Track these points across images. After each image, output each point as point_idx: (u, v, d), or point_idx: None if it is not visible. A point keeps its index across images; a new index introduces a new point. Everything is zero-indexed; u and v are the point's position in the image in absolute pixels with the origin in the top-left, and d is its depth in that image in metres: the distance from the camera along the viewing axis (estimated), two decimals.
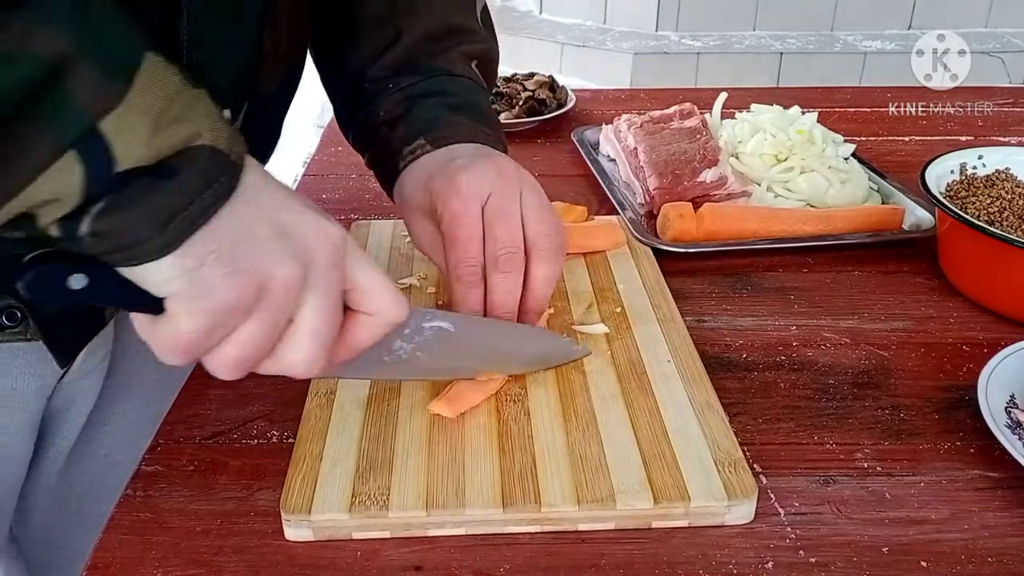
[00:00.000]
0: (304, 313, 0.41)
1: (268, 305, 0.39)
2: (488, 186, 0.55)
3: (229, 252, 0.38)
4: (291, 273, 0.39)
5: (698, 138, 0.96)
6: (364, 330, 0.45)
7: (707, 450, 0.53)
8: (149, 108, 0.34)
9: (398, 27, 0.64)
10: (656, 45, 3.22)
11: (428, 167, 0.59)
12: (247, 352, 0.40)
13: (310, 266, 0.40)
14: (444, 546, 0.49)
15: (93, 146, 0.33)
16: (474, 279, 0.56)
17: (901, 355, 0.67)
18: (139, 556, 0.48)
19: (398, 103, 0.63)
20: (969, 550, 0.49)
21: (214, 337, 0.39)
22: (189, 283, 0.37)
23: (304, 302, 0.41)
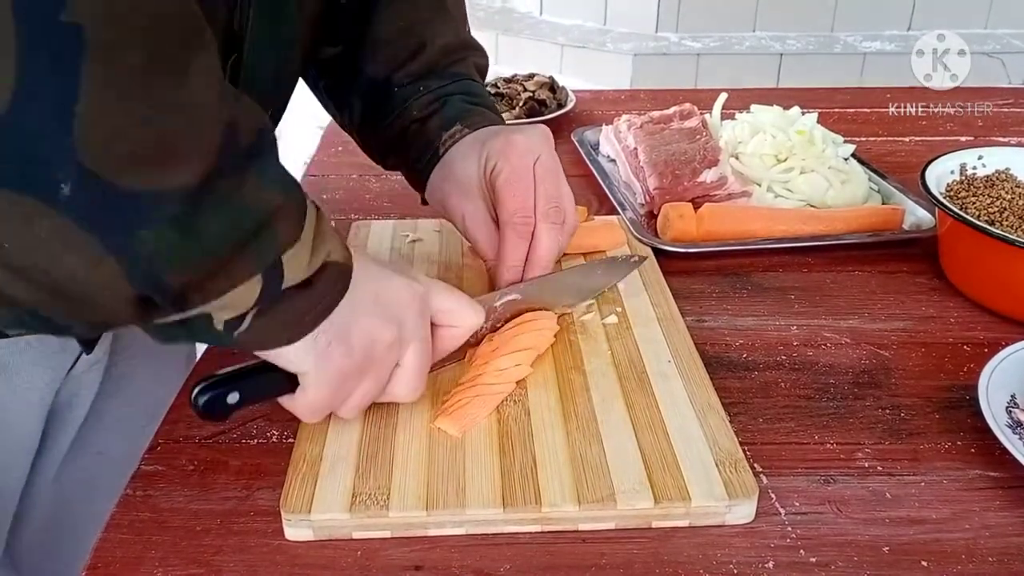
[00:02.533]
0: (407, 358, 0.51)
1: (377, 364, 0.50)
2: (539, 147, 0.63)
3: (343, 331, 0.47)
4: (391, 335, 0.50)
5: (698, 138, 0.96)
6: (450, 340, 0.56)
7: (708, 450, 0.53)
8: (308, 241, 0.43)
9: (422, 38, 0.71)
10: (656, 46, 3.21)
11: (476, 140, 0.66)
12: (365, 400, 0.52)
13: (403, 323, 0.50)
14: (444, 546, 0.49)
15: (273, 272, 0.42)
16: (527, 229, 0.63)
17: (901, 355, 0.67)
18: (139, 556, 0.48)
19: (430, 103, 0.69)
20: (970, 550, 0.49)
21: (341, 396, 0.50)
22: (315, 360, 0.47)
23: (405, 350, 0.51)
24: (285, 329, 0.45)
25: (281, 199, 0.41)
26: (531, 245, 0.63)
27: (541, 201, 0.63)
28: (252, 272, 0.41)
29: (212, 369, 0.64)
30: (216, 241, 0.39)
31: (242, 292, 0.41)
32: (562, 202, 0.64)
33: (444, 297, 0.54)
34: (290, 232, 0.42)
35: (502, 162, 0.62)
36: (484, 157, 0.64)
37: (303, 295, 0.44)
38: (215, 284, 0.40)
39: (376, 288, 0.49)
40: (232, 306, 0.42)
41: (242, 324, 0.43)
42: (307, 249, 0.43)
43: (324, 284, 0.45)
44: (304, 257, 0.43)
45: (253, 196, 0.40)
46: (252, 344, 0.45)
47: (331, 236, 0.46)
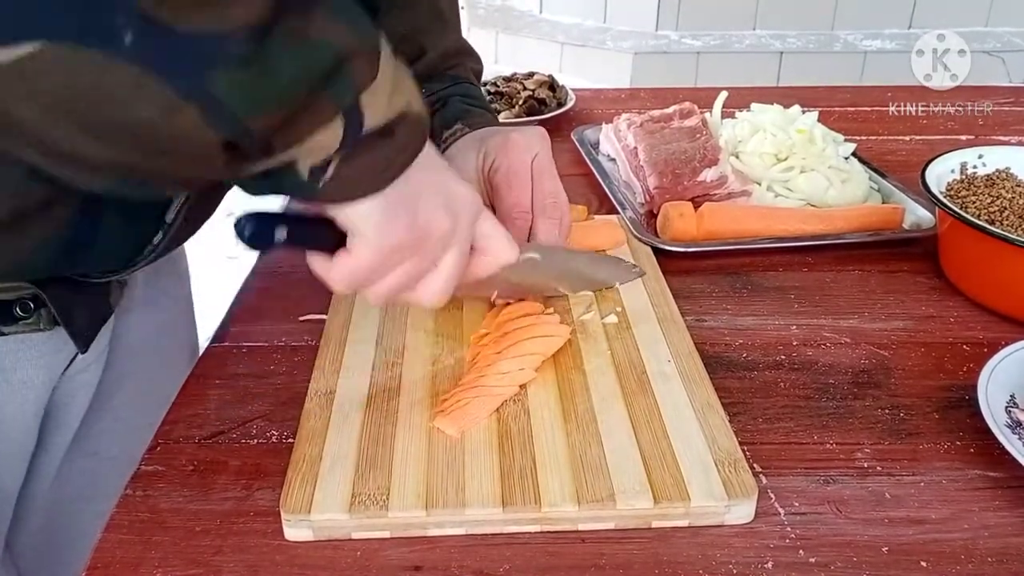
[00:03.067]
0: (446, 259, 0.51)
1: (425, 250, 0.50)
2: (536, 145, 0.66)
3: (411, 203, 0.47)
4: (448, 226, 0.50)
5: (698, 137, 0.95)
6: (481, 267, 0.56)
7: (707, 450, 0.53)
8: (386, 85, 0.43)
9: (422, 44, 0.74)
10: (656, 44, 3.21)
11: (475, 138, 0.69)
12: (398, 286, 0.50)
13: (458, 221, 0.50)
14: (444, 546, 0.49)
15: (353, 113, 0.41)
16: (525, 224, 0.65)
17: (901, 355, 0.67)
18: (139, 556, 0.48)
19: (431, 104, 0.71)
20: (969, 550, 0.49)
21: (379, 272, 0.49)
22: (380, 221, 0.46)
23: (448, 250, 0.51)
24: (369, 178, 0.45)
25: (352, 37, 0.40)
26: (530, 239, 0.65)
27: (539, 196, 0.65)
28: (333, 112, 0.40)
29: (210, 369, 0.64)
30: (291, 79, 0.38)
31: (325, 135, 0.41)
32: (559, 196, 0.66)
33: (489, 223, 0.55)
34: (366, 71, 0.41)
35: (500, 158, 0.65)
36: (482, 153, 0.66)
37: (385, 143, 0.44)
38: (297, 126, 0.40)
39: (444, 179, 0.50)
40: (316, 151, 0.41)
41: (327, 171, 0.42)
42: (385, 92, 0.43)
43: (403, 134, 0.45)
44: (383, 99, 0.43)
45: (323, 33, 0.39)
46: (335, 194, 0.45)
47: (409, 87, 0.45)
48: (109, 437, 0.74)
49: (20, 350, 0.60)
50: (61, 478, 0.72)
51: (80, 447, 0.72)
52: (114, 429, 0.74)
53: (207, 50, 0.35)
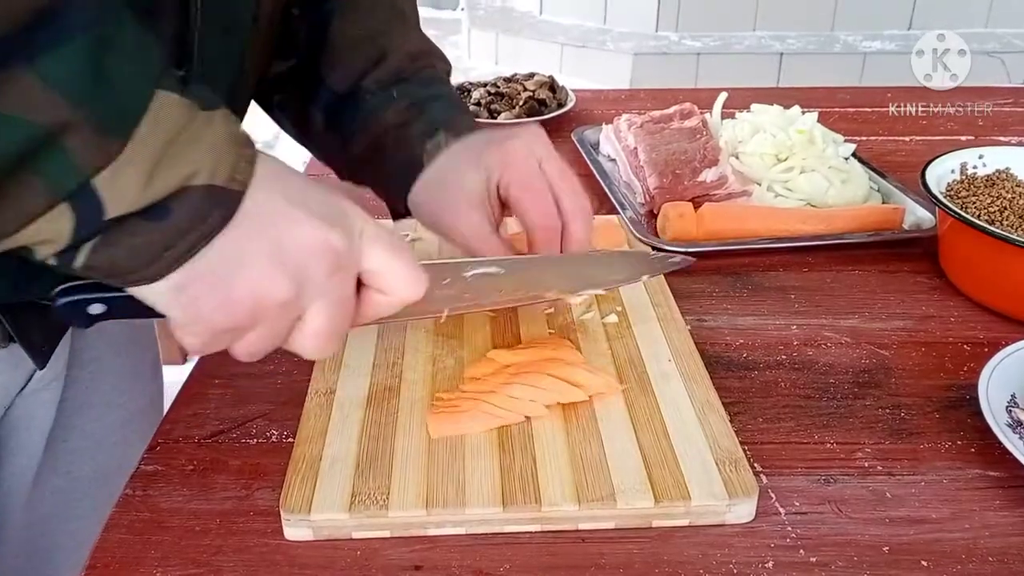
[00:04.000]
0: (310, 315, 0.42)
1: (266, 320, 0.41)
2: (538, 149, 0.59)
3: (220, 280, 0.39)
4: (283, 293, 0.40)
5: (698, 138, 0.96)
6: (378, 307, 0.46)
7: (708, 449, 0.53)
8: (144, 159, 0.34)
9: (383, 47, 0.67)
10: (656, 45, 3.21)
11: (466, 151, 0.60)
12: (258, 351, 0.43)
13: (307, 281, 0.41)
14: (444, 545, 0.49)
15: (85, 199, 0.34)
16: (556, 236, 0.58)
17: (902, 354, 0.67)
18: (138, 556, 0.48)
19: (407, 108, 0.65)
20: (970, 549, 0.49)
21: (220, 345, 0.42)
22: (182, 312, 0.39)
23: (308, 306, 0.42)
24: (141, 264, 0.37)
25: (68, 111, 0.32)
26: (564, 243, 0.59)
27: (566, 201, 0.59)
28: (47, 200, 0.33)
29: (210, 369, 0.64)
30: None
31: (48, 225, 0.34)
32: (582, 195, 0.60)
33: (377, 255, 0.44)
34: (93, 151, 0.33)
35: (506, 174, 0.58)
36: (484, 171, 0.59)
37: (153, 226, 0.36)
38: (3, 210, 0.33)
39: (279, 232, 0.40)
40: (46, 242, 0.35)
41: (76, 259, 0.36)
42: (141, 170, 0.34)
43: (184, 214, 0.36)
44: (134, 180, 0.34)
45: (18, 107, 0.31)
46: (108, 277, 0.38)
47: (209, 146, 0.37)
48: (79, 456, 0.70)
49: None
50: (35, 499, 0.69)
51: (51, 467, 0.69)
52: (84, 447, 0.71)
53: None
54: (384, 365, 0.62)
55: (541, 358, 0.60)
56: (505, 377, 0.58)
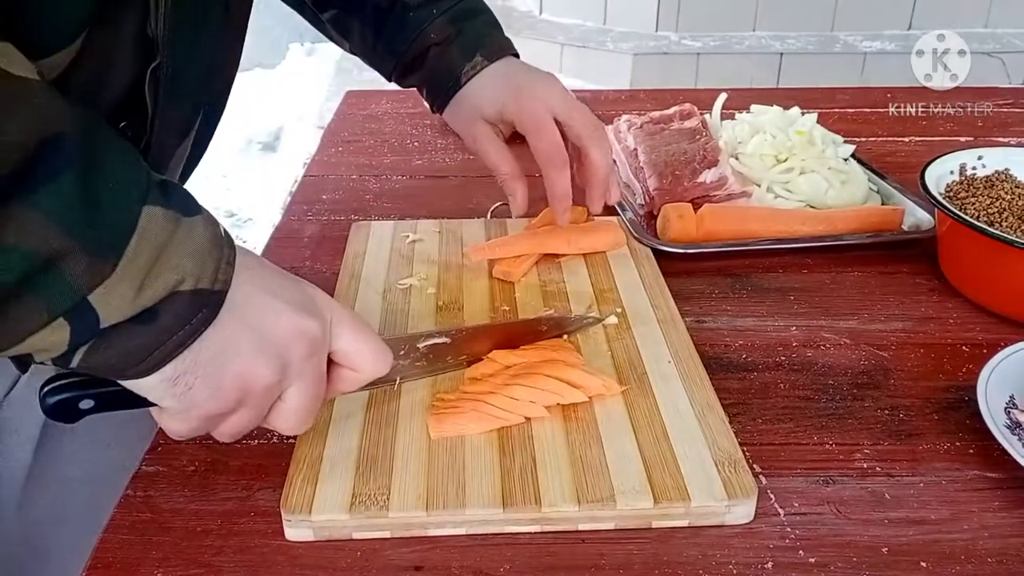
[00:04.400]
0: (289, 395, 0.46)
1: (251, 403, 0.45)
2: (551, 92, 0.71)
3: (211, 371, 0.42)
4: (268, 378, 0.44)
5: (698, 139, 0.96)
6: (348, 383, 0.50)
7: (707, 450, 0.53)
8: (135, 274, 0.37)
9: None
10: (656, 45, 3.21)
11: (491, 82, 0.72)
12: (240, 431, 0.46)
13: (287, 365, 0.45)
14: (444, 546, 0.49)
15: (81, 313, 0.36)
16: (564, 160, 0.70)
17: (901, 355, 0.67)
18: (139, 556, 0.48)
19: (446, 25, 0.73)
20: (969, 550, 0.49)
21: (206, 430, 0.46)
22: (176, 400, 0.42)
23: (287, 387, 0.46)
24: (132, 362, 0.39)
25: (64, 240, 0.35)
26: (586, 167, 0.72)
27: (579, 127, 0.70)
28: (45, 318, 0.36)
29: None
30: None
31: (47, 336, 0.36)
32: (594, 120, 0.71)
33: (348, 338, 0.48)
34: (90, 270, 0.36)
35: (516, 109, 0.69)
36: (500, 106, 0.70)
37: (144, 329, 0.39)
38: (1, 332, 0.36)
39: (261, 324, 0.43)
40: (45, 349, 0.37)
41: (72, 361, 0.38)
42: (131, 283, 0.37)
43: (172, 316, 0.39)
44: (126, 293, 0.37)
45: (16, 239, 0.34)
46: (103, 374, 0.41)
47: (192, 253, 0.39)
48: (71, 459, 0.70)
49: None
50: (28, 504, 0.69)
51: (44, 474, 0.69)
52: (77, 451, 0.70)
53: None
54: None
55: (542, 359, 0.60)
56: (505, 378, 0.58)
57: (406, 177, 1.01)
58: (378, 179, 1.00)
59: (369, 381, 0.50)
